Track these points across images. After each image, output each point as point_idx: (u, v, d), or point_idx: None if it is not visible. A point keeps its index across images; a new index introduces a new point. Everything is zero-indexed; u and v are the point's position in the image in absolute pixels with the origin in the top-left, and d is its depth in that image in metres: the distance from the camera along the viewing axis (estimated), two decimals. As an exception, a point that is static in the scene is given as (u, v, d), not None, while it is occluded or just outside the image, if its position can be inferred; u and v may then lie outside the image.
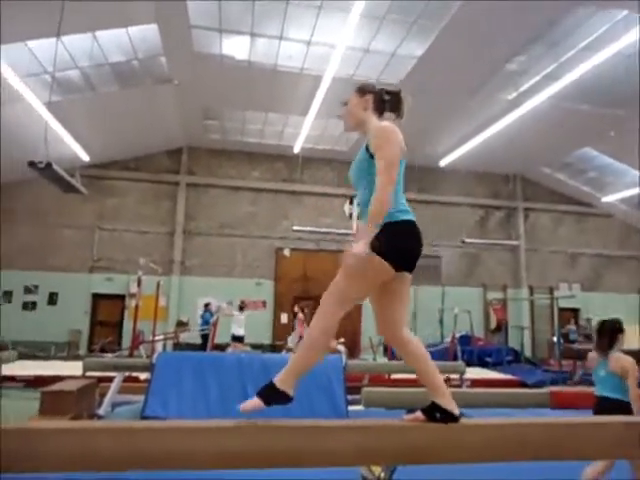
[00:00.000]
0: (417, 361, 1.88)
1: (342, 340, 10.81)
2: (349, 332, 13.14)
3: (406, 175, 2.08)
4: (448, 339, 11.28)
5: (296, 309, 11.59)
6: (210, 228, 14.19)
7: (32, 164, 6.11)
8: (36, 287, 12.99)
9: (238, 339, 10.82)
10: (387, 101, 2.19)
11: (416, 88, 10.27)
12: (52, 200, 12.45)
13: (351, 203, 14.95)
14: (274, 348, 12.86)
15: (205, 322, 11.33)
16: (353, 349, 12.06)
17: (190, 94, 11.01)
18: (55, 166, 6.21)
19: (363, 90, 2.16)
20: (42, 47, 8.31)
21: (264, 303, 13.96)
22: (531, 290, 15.61)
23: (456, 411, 1.71)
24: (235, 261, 14.14)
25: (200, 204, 14.29)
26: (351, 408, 3.67)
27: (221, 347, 10.68)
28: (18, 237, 12.87)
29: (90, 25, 8.12)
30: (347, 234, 14.73)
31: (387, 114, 2.19)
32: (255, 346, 11.34)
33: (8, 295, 12.87)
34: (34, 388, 6.41)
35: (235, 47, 9.45)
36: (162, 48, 9.17)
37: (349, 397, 3.93)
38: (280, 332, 13.58)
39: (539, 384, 8.73)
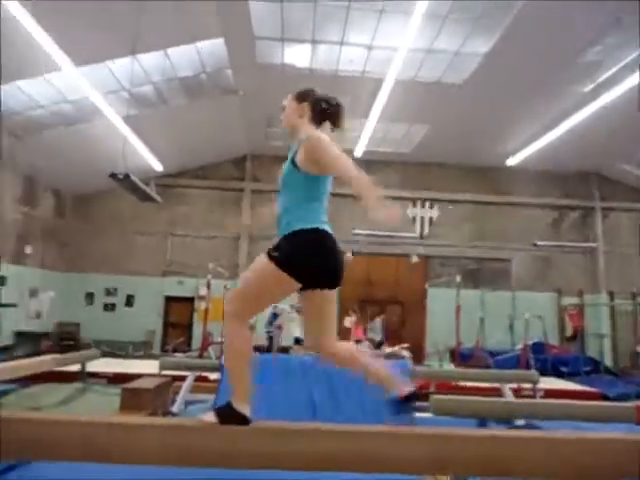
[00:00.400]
0: (350, 365, 1.95)
1: (406, 345, 10.65)
2: (413, 337, 12.92)
3: (471, 176, 2.01)
4: (519, 346, 10.76)
5: (350, 313, 11.59)
6: (274, 232, 14.47)
7: (113, 175, 6.57)
8: (115, 290, 13.91)
9: (297, 341, 10.96)
10: (326, 111, 2.11)
11: (482, 86, 9.99)
12: (129, 208, 13.29)
13: (414, 206, 14.78)
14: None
15: (270, 324, 11.55)
16: (417, 354, 11.82)
17: (254, 103, 11.35)
18: (133, 177, 6.64)
19: (301, 97, 2.07)
20: (120, 66, 8.92)
21: (327, 307, 14.03)
22: (611, 295, 14.55)
23: None
24: (298, 265, 14.33)
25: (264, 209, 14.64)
26: (418, 415, 3.61)
27: (286, 350, 10.87)
28: (100, 243, 13.87)
29: (162, 43, 8.61)
30: (410, 237, 14.53)
31: (325, 124, 2.12)
32: (319, 349, 11.41)
33: (91, 297, 13.88)
34: (115, 384, 6.87)
35: (296, 55, 9.64)
36: (228, 61, 9.54)
37: (416, 404, 3.88)
38: (344, 336, 13.60)
39: (622, 397, 8.08)
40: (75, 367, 6.86)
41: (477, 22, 8.30)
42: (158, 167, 12.27)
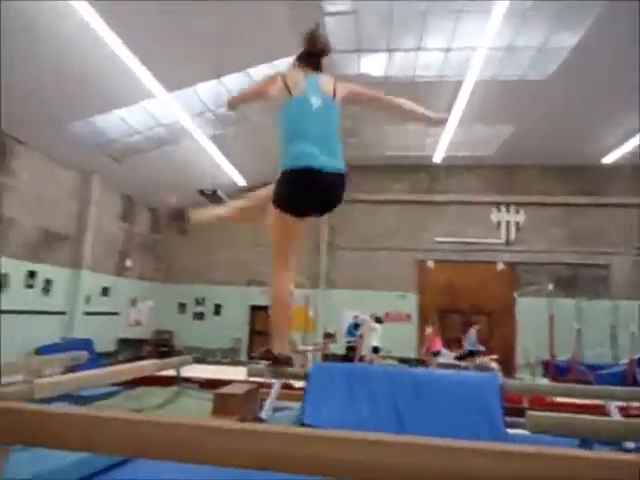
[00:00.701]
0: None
1: (495, 357, 10.16)
2: (503, 348, 12.29)
3: (560, 177, 1.91)
4: (624, 360, 9.84)
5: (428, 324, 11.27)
6: (353, 242, 14.57)
7: (202, 192, 6.99)
8: (203, 299, 14.70)
9: (375, 350, 10.88)
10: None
11: (570, 81, 9.37)
12: (216, 222, 14.01)
13: (499, 210, 14.13)
14: (421, 362, 12.60)
15: (349, 333, 11.58)
16: (507, 366, 11.22)
17: (331, 115, 11.53)
18: (220, 192, 7.03)
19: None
20: (206, 89, 9.50)
21: (408, 316, 13.81)
22: None
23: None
24: (378, 274, 14.26)
25: (343, 219, 14.77)
26: (510, 431, 3.42)
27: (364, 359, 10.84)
28: (190, 255, 14.77)
29: (243, 64, 9.06)
30: (494, 244, 13.90)
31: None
32: (402, 360, 11.25)
33: (183, 307, 14.78)
34: (206, 389, 7.23)
35: (372, 65, 9.67)
36: (305, 75, 9.79)
37: (507, 419, 3.67)
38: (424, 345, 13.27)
39: None
40: (170, 372, 7.34)
41: (561, 16, 7.83)
42: (241, 181, 12.85)
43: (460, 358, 10.55)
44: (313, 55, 2.13)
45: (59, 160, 10.21)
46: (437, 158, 12.89)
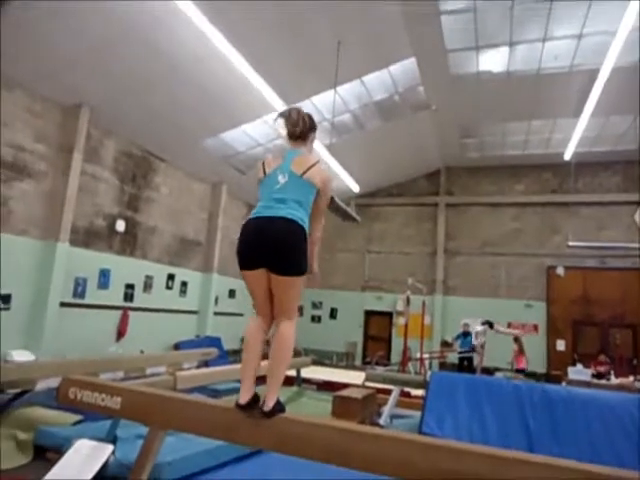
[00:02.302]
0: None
1: (641, 376, 8.95)
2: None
3: None
4: None
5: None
6: (471, 247, 13.93)
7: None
8: (321, 303, 15.13)
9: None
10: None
11: None
12: (331, 228, 14.39)
13: (644, 211, 12.47)
14: (549, 378, 11.57)
15: (461, 343, 10.73)
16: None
17: (447, 116, 11.20)
18: (337, 199, 7.19)
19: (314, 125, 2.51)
20: (322, 98, 9.80)
21: (536, 327, 12.79)
22: None
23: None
24: (500, 281, 13.44)
25: (460, 223, 14.21)
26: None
27: (488, 371, 10.24)
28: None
29: (358, 72, 9.19)
30: (638, 248, 12.29)
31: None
32: (528, 374, 10.44)
33: (301, 309, 15.35)
34: (324, 391, 7.43)
35: (491, 61, 9.19)
36: (419, 78, 9.64)
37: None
38: (556, 360, 12.16)
39: None
40: (290, 372, 7.68)
41: None
42: (355, 188, 13.01)
43: (598, 376, 9.47)
44: (292, 136, 2.41)
45: (194, 174, 11.29)
46: (567, 155, 11.79)
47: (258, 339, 2.26)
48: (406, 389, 6.76)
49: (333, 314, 14.97)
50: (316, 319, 15.14)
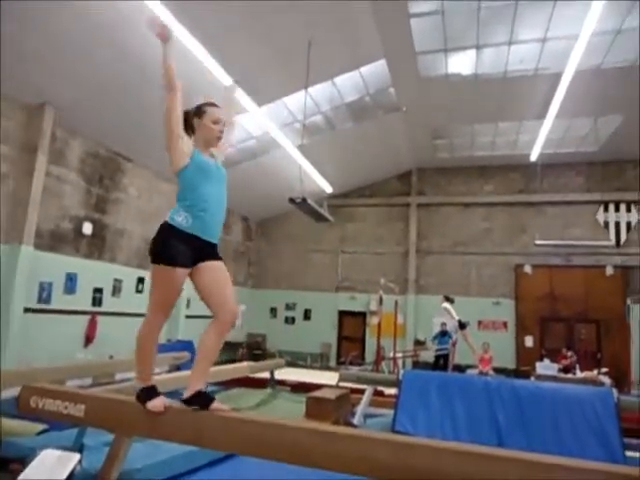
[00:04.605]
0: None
1: (605, 370, 9.28)
2: (612, 361, 11.21)
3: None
4: None
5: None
6: (442, 246, 14.14)
7: (292, 200, 7.21)
8: (294, 304, 15.09)
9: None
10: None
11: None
12: (304, 229, 14.40)
13: (606, 210, 12.94)
14: (519, 373, 11.85)
15: (438, 342, 10.91)
16: (620, 382, 10.17)
17: (417, 118, 11.34)
18: (309, 200, 7.19)
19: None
20: (293, 100, 9.79)
21: (505, 324, 13.08)
22: None
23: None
24: (470, 279, 13.70)
25: (432, 223, 14.41)
26: (630, 454, 3.09)
27: (460, 368, 10.42)
28: (280, 261, 15.29)
29: (330, 74, 9.21)
30: (602, 246, 12.72)
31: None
32: (498, 370, 10.66)
33: (274, 311, 15.29)
34: (298, 392, 7.41)
35: (460, 63, 9.36)
36: (390, 80, 9.73)
37: (626, 441, 3.31)
38: (525, 356, 12.47)
39: None
40: (263, 374, 7.63)
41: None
42: (328, 189, 13.04)
43: (564, 370, 9.76)
44: None
45: (162, 173, 11.07)
46: (534, 156, 12.11)
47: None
48: (379, 388, 6.81)
49: (307, 315, 14.94)
50: (290, 320, 15.08)
